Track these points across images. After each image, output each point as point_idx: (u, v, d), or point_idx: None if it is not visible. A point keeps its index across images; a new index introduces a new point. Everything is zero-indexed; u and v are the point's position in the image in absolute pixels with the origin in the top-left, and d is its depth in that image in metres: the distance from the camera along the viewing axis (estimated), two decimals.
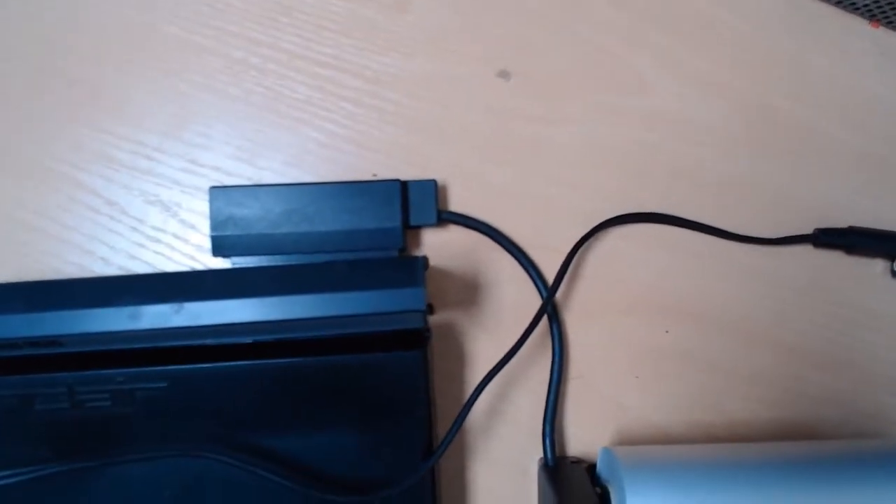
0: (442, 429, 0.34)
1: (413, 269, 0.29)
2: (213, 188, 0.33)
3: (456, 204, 0.36)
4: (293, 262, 0.33)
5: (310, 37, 0.35)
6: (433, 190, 0.34)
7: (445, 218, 0.35)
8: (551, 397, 0.35)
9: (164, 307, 0.28)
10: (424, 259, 0.29)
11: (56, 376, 0.30)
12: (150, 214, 0.35)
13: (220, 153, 0.35)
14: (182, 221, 0.35)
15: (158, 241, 0.35)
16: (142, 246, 0.35)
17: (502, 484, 0.35)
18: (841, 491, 0.31)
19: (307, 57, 0.35)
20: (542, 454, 0.35)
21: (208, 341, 0.31)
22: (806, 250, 0.36)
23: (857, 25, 0.37)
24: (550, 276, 0.35)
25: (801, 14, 0.37)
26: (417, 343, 0.31)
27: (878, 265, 0.36)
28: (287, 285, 0.29)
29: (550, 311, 0.35)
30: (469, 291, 0.36)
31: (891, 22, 0.36)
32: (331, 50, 0.35)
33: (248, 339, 0.31)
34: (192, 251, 0.35)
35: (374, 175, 0.35)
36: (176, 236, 0.35)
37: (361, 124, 0.35)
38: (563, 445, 0.36)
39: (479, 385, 0.31)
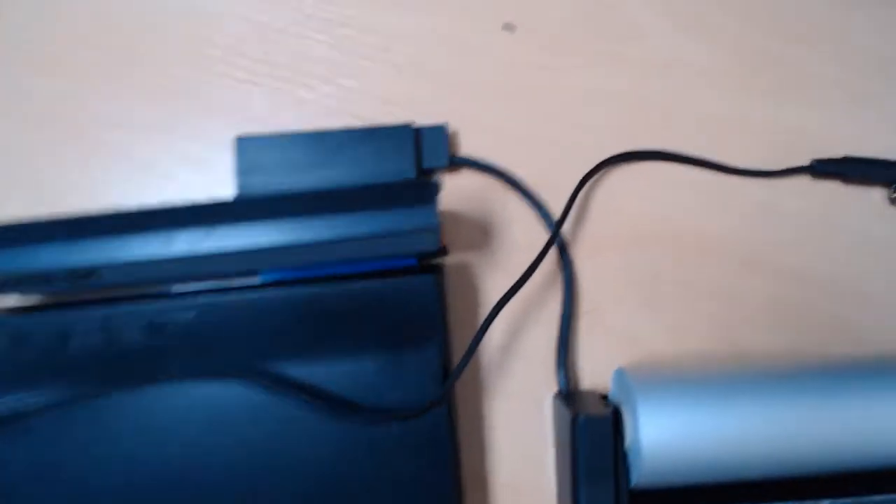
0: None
1: (427, 190, 0.31)
2: (238, 138, 0.36)
3: (467, 150, 0.38)
4: None
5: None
6: (444, 134, 0.36)
7: (457, 162, 0.37)
8: (564, 328, 0.36)
9: (196, 231, 0.30)
10: (438, 182, 0.31)
11: (91, 310, 0.32)
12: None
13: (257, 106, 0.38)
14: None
15: None
16: None
17: (519, 418, 0.36)
18: (859, 397, 0.31)
19: (327, 19, 0.38)
20: (556, 388, 0.36)
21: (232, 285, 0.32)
22: (804, 181, 0.38)
23: None
24: (559, 215, 0.37)
25: None
26: (432, 267, 0.33)
27: (876, 193, 0.38)
28: (304, 208, 0.30)
29: (560, 242, 0.36)
30: (482, 233, 0.37)
31: None
32: (349, 11, 0.38)
33: (274, 277, 0.33)
34: None
35: None
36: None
37: (378, 79, 0.38)
38: (576, 379, 0.37)
39: (492, 310, 0.32)
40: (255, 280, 0.34)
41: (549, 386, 0.36)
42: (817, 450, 0.31)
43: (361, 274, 0.32)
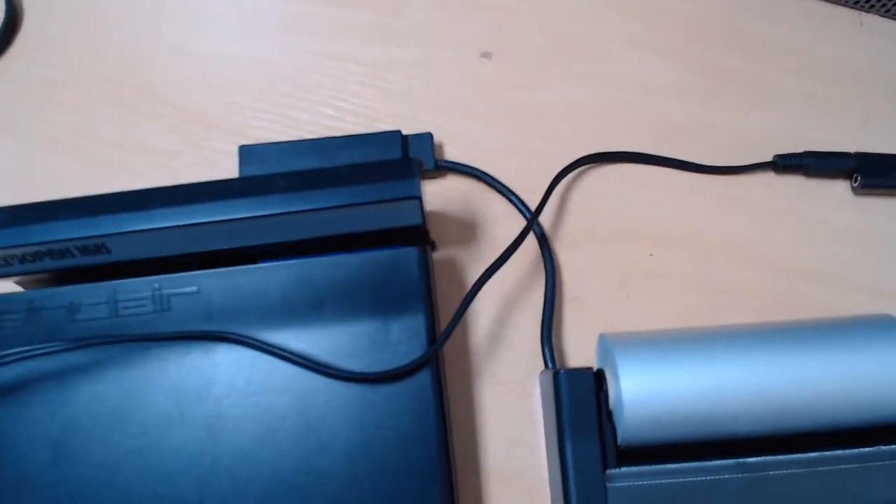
0: (450, 351, 0.37)
1: (408, 166, 0.33)
2: (242, 146, 0.39)
3: (451, 159, 0.41)
4: None
5: (324, 38, 0.43)
6: (430, 141, 0.40)
7: (442, 166, 0.40)
8: (547, 310, 0.37)
9: (195, 207, 0.33)
10: (419, 160, 0.34)
11: (98, 285, 0.34)
12: None
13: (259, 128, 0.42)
14: None
15: None
16: None
17: (508, 403, 0.37)
18: (838, 354, 0.32)
19: (322, 53, 0.43)
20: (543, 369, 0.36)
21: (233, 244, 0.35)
22: (768, 177, 0.40)
23: None
24: None
25: None
26: (418, 239, 0.35)
27: (839, 185, 0.40)
28: (294, 184, 0.33)
29: (538, 234, 0.39)
30: (467, 231, 0.40)
31: None
32: (340, 46, 0.43)
33: (267, 241, 0.35)
34: None
35: None
36: None
37: (366, 101, 0.42)
38: (562, 362, 0.37)
39: (479, 278, 0.34)
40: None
41: (537, 371, 0.37)
42: (799, 404, 0.31)
43: (353, 238, 0.34)
